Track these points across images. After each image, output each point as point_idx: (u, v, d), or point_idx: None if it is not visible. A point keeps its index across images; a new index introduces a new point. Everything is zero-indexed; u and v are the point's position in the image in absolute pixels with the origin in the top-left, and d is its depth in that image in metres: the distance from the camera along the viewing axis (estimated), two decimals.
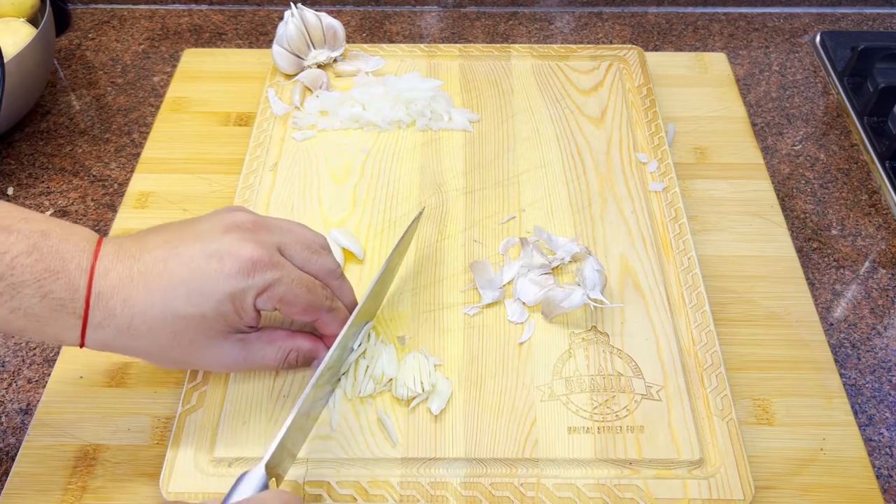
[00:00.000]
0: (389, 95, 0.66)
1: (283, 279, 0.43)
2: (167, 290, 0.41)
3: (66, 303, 0.39)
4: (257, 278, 0.42)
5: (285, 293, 0.43)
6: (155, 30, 0.83)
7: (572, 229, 0.58)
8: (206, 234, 0.43)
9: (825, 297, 0.58)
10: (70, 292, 0.39)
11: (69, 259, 0.40)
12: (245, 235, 0.43)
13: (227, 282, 0.41)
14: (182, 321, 0.41)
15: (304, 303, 0.44)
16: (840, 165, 0.68)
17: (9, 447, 0.50)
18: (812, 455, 0.48)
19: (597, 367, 0.50)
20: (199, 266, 0.41)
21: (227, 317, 0.42)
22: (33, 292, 0.39)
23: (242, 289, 0.42)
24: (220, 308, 0.42)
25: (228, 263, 0.42)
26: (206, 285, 0.41)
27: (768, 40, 0.82)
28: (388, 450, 0.46)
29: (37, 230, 0.40)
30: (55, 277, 0.39)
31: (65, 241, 0.40)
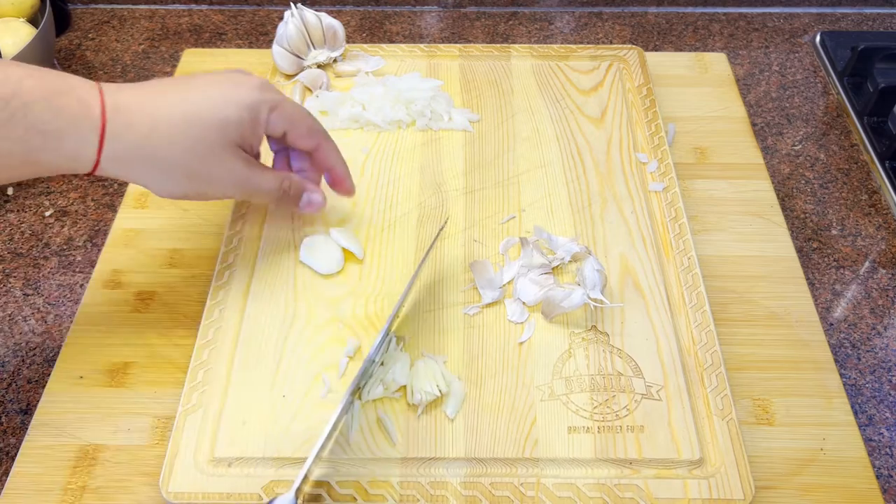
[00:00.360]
0: (389, 95, 0.66)
1: (288, 100, 0.50)
2: (189, 98, 0.45)
3: (82, 116, 0.41)
4: (268, 95, 0.48)
5: (293, 111, 0.49)
6: (155, 30, 0.83)
7: (572, 229, 0.58)
8: (212, 74, 0.48)
9: (825, 297, 0.58)
10: (83, 107, 0.41)
11: (75, 85, 0.42)
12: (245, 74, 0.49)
13: (246, 94, 0.47)
14: (203, 124, 0.45)
15: (310, 124, 0.51)
16: (840, 165, 0.68)
17: (9, 447, 0.50)
18: (812, 455, 0.48)
19: (597, 367, 0.50)
20: (219, 84, 0.47)
21: (243, 125, 0.46)
22: (45, 108, 0.40)
23: (258, 100, 0.47)
24: (240, 115, 0.46)
25: (244, 85, 0.47)
26: (227, 95, 0.46)
27: (768, 40, 0.82)
28: (388, 450, 0.46)
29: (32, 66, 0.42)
30: (64, 94, 0.41)
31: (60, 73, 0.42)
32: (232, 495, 0.44)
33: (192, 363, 0.50)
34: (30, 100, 0.40)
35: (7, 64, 0.41)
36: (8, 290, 0.58)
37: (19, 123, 0.40)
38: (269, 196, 0.51)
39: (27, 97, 0.40)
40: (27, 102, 0.40)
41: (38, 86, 0.40)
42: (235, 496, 0.44)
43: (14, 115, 0.40)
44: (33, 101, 0.40)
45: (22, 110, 0.40)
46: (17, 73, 0.40)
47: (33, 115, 0.40)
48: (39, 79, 0.41)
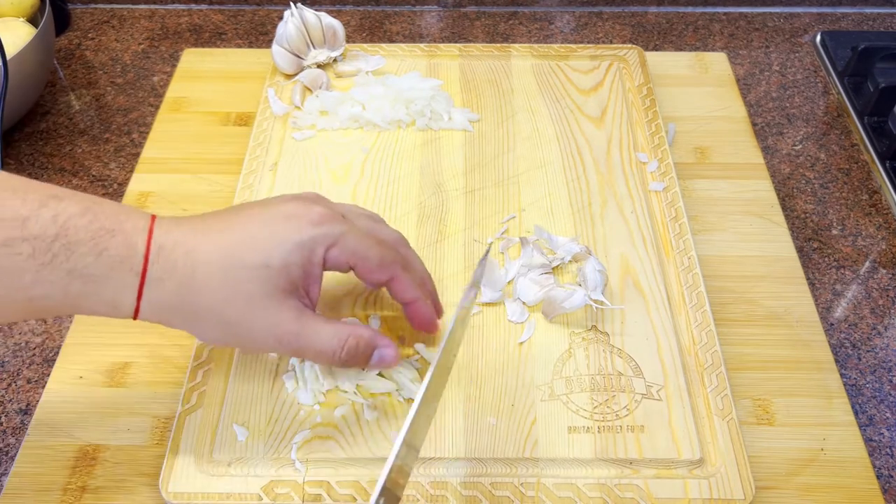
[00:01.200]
0: (389, 95, 0.66)
1: (352, 231, 0.42)
2: (234, 241, 0.40)
3: (124, 260, 0.38)
4: (326, 229, 0.42)
5: (357, 245, 0.42)
6: (155, 30, 0.82)
7: (572, 229, 0.58)
8: (271, 203, 0.43)
9: (825, 297, 0.58)
10: (128, 249, 0.38)
11: (124, 221, 0.39)
12: (310, 201, 0.43)
13: (297, 232, 0.41)
14: (245, 271, 0.40)
15: (378, 257, 0.43)
16: (840, 165, 0.68)
17: (9, 447, 0.50)
18: (812, 455, 0.48)
19: (597, 367, 0.50)
20: (268, 222, 0.41)
21: (291, 269, 0.41)
22: (88, 250, 0.37)
23: (312, 237, 0.41)
24: (287, 258, 0.40)
25: (297, 219, 0.41)
26: (274, 236, 0.41)
27: (768, 40, 0.82)
28: (388, 450, 0.46)
29: (88, 198, 0.39)
30: (111, 235, 0.38)
31: (117, 208, 0.39)
32: (231, 495, 0.44)
33: (192, 363, 0.50)
34: (74, 240, 0.37)
35: (62, 197, 0.38)
36: None
37: (60, 267, 0.37)
38: (325, 357, 0.43)
39: (72, 237, 0.37)
40: (71, 243, 0.37)
41: (86, 226, 0.37)
42: (235, 496, 0.44)
43: (56, 258, 0.37)
44: (78, 242, 0.37)
45: (65, 253, 0.37)
46: (69, 211, 0.37)
47: (75, 259, 0.37)
48: (91, 218, 0.38)
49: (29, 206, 0.37)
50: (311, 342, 0.42)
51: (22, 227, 0.36)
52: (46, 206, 0.37)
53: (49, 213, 0.37)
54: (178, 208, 0.62)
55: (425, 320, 0.48)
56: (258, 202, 0.44)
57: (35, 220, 0.37)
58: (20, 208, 0.36)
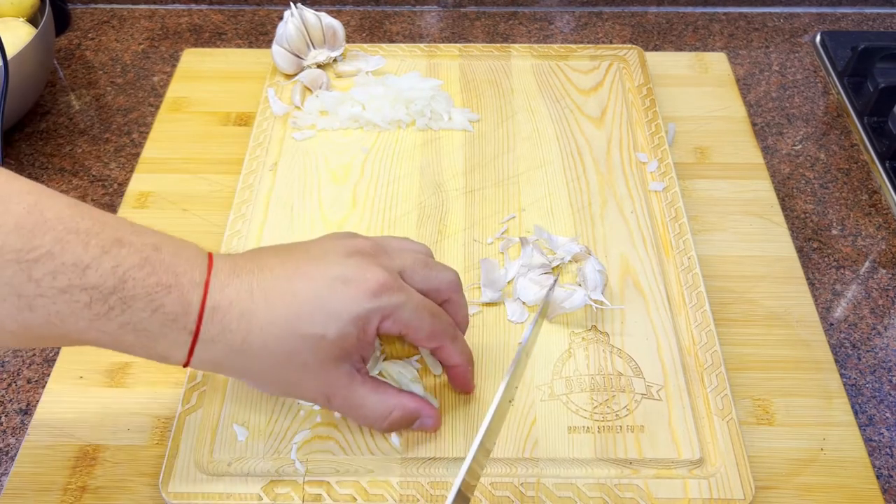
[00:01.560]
0: (389, 95, 0.66)
1: (408, 303, 0.42)
2: (290, 308, 0.39)
3: (178, 317, 0.37)
4: (384, 301, 0.41)
5: (411, 318, 0.42)
6: (155, 30, 0.82)
7: (572, 229, 0.58)
8: (328, 257, 0.42)
9: (825, 297, 0.58)
10: (183, 306, 0.38)
11: (182, 273, 0.38)
12: (369, 260, 0.42)
13: (354, 304, 0.40)
14: (300, 340, 0.40)
15: (430, 328, 0.43)
16: (840, 165, 0.68)
17: (9, 447, 0.50)
18: (812, 455, 0.48)
19: (597, 367, 0.50)
20: (325, 287, 0.40)
21: (346, 340, 0.41)
22: (144, 306, 0.37)
23: (368, 311, 0.40)
24: (343, 330, 0.40)
25: (355, 287, 0.40)
26: (332, 307, 0.40)
27: (768, 40, 0.82)
28: (388, 450, 0.46)
29: (148, 243, 0.38)
30: (167, 291, 0.37)
31: (176, 255, 0.38)
32: (231, 495, 0.44)
33: None
34: (131, 295, 0.36)
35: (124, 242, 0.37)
36: None
37: (115, 319, 0.36)
38: (370, 423, 0.44)
39: (129, 292, 0.36)
40: (127, 298, 0.36)
41: (144, 279, 0.36)
42: (235, 496, 0.44)
43: (112, 310, 0.36)
44: (134, 297, 0.36)
45: (121, 306, 0.36)
46: (129, 261, 0.36)
47: (130, 313, 0.36)
48: (149, 270, 0.37)
49: (91, 253, 0.36)
50: (358, 409, 0.43)
51: (82, 276, 0.35)
52: (108, 254, 0.36)
53: (109, 262, 0.36)
54: (178, 208, 0.62)
55: (464, 385, 0.48)
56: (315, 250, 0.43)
57: (95, 270, 0.36)
58: (82, 254, 0.35)
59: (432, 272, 0.45)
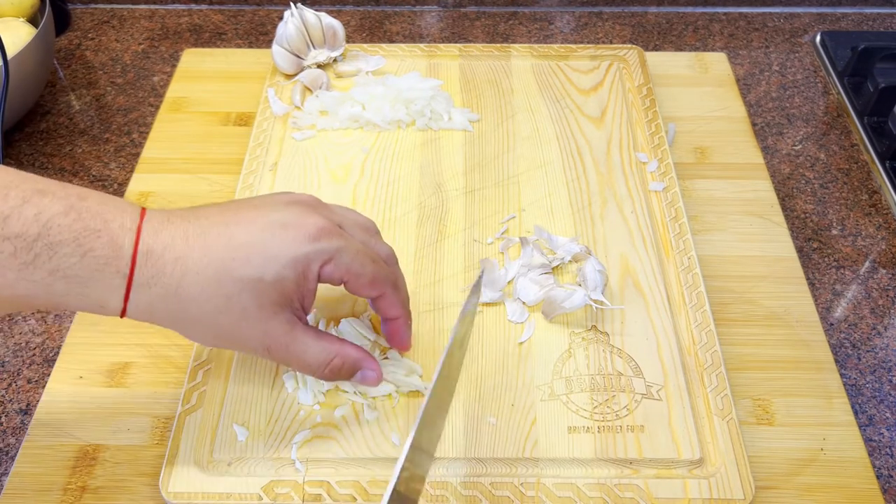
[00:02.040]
0: (389, 95, 0.66)
1: (348, 248, 0.42)
2: (226, 251, 0.39)
3: (110, 261, 0.37)
4: (323, 244, 0.41)
5: (351, 262, 0.42)
6: (155, 30, 0.83)
7: (572, 229, 0.58)
8: (267, 206, 0.42)
9: (825, 297, 0.58)
10: (113, 250, 0.37)
11: (111, 219, 0.38)
12: (308, 208, 0.42)
13: (292, 247, 0.40)
14: (237, 283, 0.39)
15: (371, 274, 0.43)
16: (840, 165, 0.68)
17: (9, 447, 0.50)
18: (812, 455, 0.48)
19: (597, 367, 0.50)
20: (263, 230, 0.40)
21: (285, 284, 0.40)
22: (72, 251, 0.36)
23: (307, 254, 0.40)
24: (281, 272, 0.40)
25: (294, 230, 0.40)
26: (269, 249, 0.40)
27: (768, 40, 0.82)
28: (388, 450, 0.46)
29: (73, 193, 0.37)
30: (96, 236, 0.37)
31: (104, 203, 0.38)
32: (232, 495, 0.44)
33: (192, 363, 0.50)
34: (57, 241, 0.36)
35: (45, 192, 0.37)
36: None
37: (43, 266, 0.36)
38: (309, 371, 0.44)
39: (55, 237, 0.36)
40: (53, 244, 0.36)
41: (69, 225, 0.36)
42: (235, 496, 0.44)
43: (38, 258, 0.36)
44: (60, 243, 0.36)
45: (47, 252, 0.36)
46: (53, 209, 0.36)
47: (58, 259, 0.36)
48: (75, 217, 0.36)
49: (10, 203, 0.36)
50: (299, 356, 0.43)
51: (2, 226, 0.35)
52: (29, 203, 0.36)
53: (31, 210, 0.36)
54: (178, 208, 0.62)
55: (402, 339, 0.48)
56: (255, 201, 0.43)
57: (17, 218, 0.36)
58: (1, 205, 0.36)
59: (371, 238, 0.46)
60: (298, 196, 0.44)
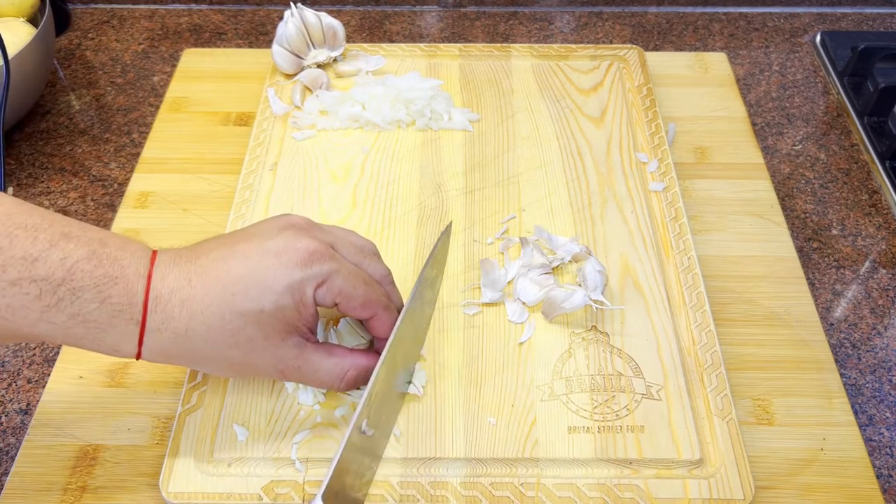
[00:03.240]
0: (389, 95, 0.66)
1: (340, 271, 0.43)
2: (225, 287, 0.40)
3: (125, 308, 0.39)
4: (315, 269, 0.42)
5: (343, 285, 0.43)
6: (155, 30, 0.83)
7: (572, 229, 0.58)
8: (261, 234, 0.43)
9: (825, 297, 0.58)
10: (128, 297, 0.39)
11: (127, 265, 0.39)
12: (300, 232, 0.43)
13: (285, 274, 0.41)
14: (240, 318, 0.41)
15: (363, 296, 0.44)
16: (840, 165, 0.68)
17: (9, 447, 0.50)
18: (812, 455, 0.48)
19: (597, 367, 0.50)
20: (257, 261, 0.41)
21: (285, 311, 0.41)
22: (92, 297, 0.38)
23: (301, 279, 0.41)
24: (279, 301, 0.41)
25: (286, 257, 0.41)
26: (264, 279, 0.41)
27: (768, 40, 0.82)
28: (388, 449, 0.46)
29: (94, 238, 0.39)
30: (114, 283, 0.38)
31: (122, 249, 0.40)
32: (232, 495, 0.44)
33: None
34: (80, 286, 0.38)
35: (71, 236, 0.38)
36: None
37: (65, 310, 0.38)
38: (327, 386, 0.46)
39: (78, 283, 0.37)
40: (76, 289, 0.37)
41: (91, 271, 0.38)
42: (235, 496, 0.44)
43: (61, 301, 0.37)
44: (83, 288, 0.38)
45: (70, 297, 0.37)
46: (77, 254, 0.38)
47: (79, 304, 0.38)
48: (96, 263, 0.38)
49: (39, 246, 0.37)
50: (312, 376, 0.45)
51: (31, 268, 0.37)
52: (56, 247, 0.37)
53: (58, 255, 0.37)
54: (178, 208, 0.62)
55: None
56: (251, 230, 0.44)
57: (44, 262, 0.37)
58: (30, 248, 0.37)
59: (365, 259, 0.46)
60: (291, 219, 0.45)
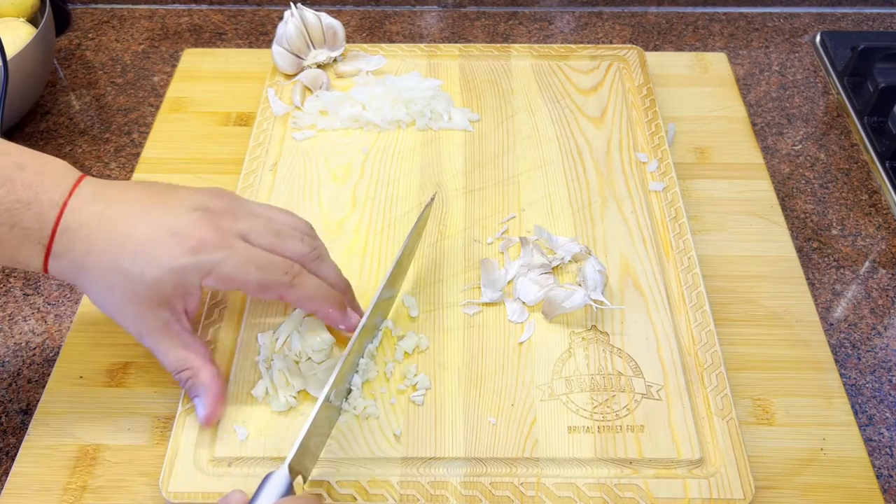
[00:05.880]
0: (389, 95, 0.66)
1: (230, 258, 0.44)
2: (121, 243, 0.43)
3: (34, 232, 0.42)
4: (202, 257, 0.43)
5: (233, 272, 0.44)
6: (155, 30, 0.83)
7: (572, 229, 0.58)
8: (175, 208, 0.45)
9: (825, 297, 0.58)
10: (39, 223, 0.42)
11: (42, 192, 0.42)
12: (206, 217, 0.45)
13: (172, 256, 0.43)
14: (121, 275, 0.43)
15: (256, 281, 0.45)
16: (840, 165, 0.68)
17: (9, 447, 0.50)
18: (812, 455, 0.48)
19: (597, 367, 0.50)
20: (156, 234, 0.43)
21: (161, 287, 0.43)
22: (3, 220, 0.41)
23: (184, 266, 0.43)
24: (159, 277, 0.43)
25: (179, 241, 0.43)
26: (154, 253, 0.43)
27: (768, 40, 0.82)
28: (388, 449, 0.46)
29: (13, 162, 0.42)
30: (26, 208, 0.41)
31: (41, 174, 0.42)
32: None
33: None
34: None
35: None
36: (8, 289, 0.58)
37: None
38: (166, 367, 0.47)
39: None
40: None
41: (4, 196, 0.41)
42: None
43: None
44: None
45: None
46: None
47: None
48: (10, 188, 0.41)
49: None
50: (160, 355, 0.46)
51: None
52: None
53: None
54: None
55: (334, 324, 0.49)
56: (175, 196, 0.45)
57: None
58: None
59: (280, 241, 0.46)
60: (209, 201, 0.46)
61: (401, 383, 0.49)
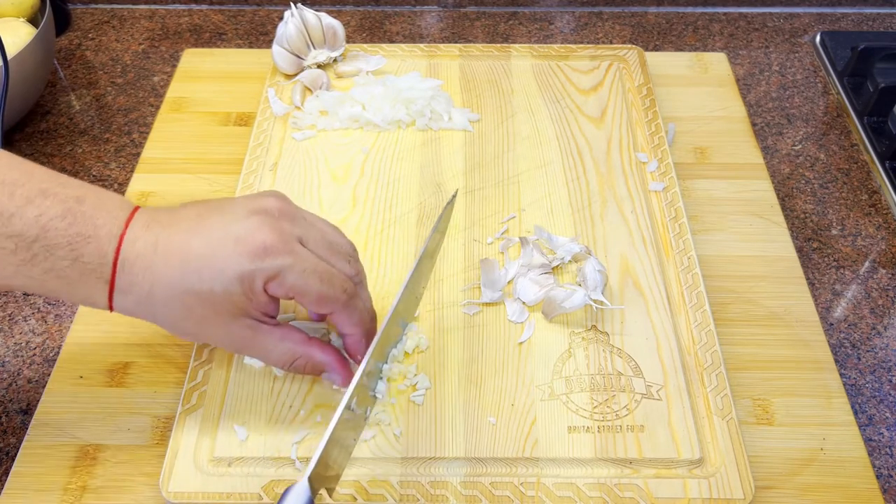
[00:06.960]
0: (389, 95, 0.66)
1: (294, 266, 0.42)
2: (184, 264, 0.41)
3: (95, 267, 0.40)
4: (267, 263, 0.41)
5: (296, 281, 0.42)
6: (155, 30, 0.83)
7: (572, 229, 0.58)
8: (231, 215, 0.43)
9: (825, 297, 0.58)
10: (99, 257, 0.40)
11: (101, 225, 0.40)
12: (266, 220, 0.43)
13: (237, 263, 0.41)
14: (193, 296, 0.41)
15: (317, 293, 0.43)
16: (840, 165, 0.68)
17: (9, 447, 0.50)
18: (812, 455, 0.48)
19: (597, 367, 0.50)
20: (217, 244, 0.42)
21: (234, 297, 0.42)
22: (65, 254, 0.39)
23: (251, 271, 0.41)
24: (228, 288, 0.41)
25: (242, 246, 0.41)
26: (218, 263, 0.41)
27: (768, 40, 0.82)
28: (388, 449, 0.46)
29: (72, 195, 0.40)
30: (86, 242, 0.40)
31: (98, 207, 0.41)
32: (232, 495, 0.44)
33: (192, 363, 0.50)
34: (53, 244, 0.39)
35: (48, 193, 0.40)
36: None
37: (39, 265, 0.39)
38: (275, 366, 0.47)
39: (51, 241, 0.39)
40: (50, 246, 0.39)
41: (65, 230, 0.39)
42: (235, 496, 0.44)
43: (35, 257, 0.39)
44: (56, 246, 0.39)
45: (44, 253, 0.39)
46: (52, 212, 0.39)
47: (53, 261, 0.39)
48: (71, 221, 0.39)
49: (16, 203, 0.38)
50: (262, 355, 0.46)
51: (6, 224, 0.38)
52: (32, 204, 0.39)
53: (33, 212, 0.39)
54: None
55: (353, 353, 0.48)
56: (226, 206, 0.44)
57: (19, 218, 0.38)
58: (7, 204, 0.38)
59: (333, 257, 0.45)
60: (266, 202, 0.44)
61: (401, 383, 0.49)
